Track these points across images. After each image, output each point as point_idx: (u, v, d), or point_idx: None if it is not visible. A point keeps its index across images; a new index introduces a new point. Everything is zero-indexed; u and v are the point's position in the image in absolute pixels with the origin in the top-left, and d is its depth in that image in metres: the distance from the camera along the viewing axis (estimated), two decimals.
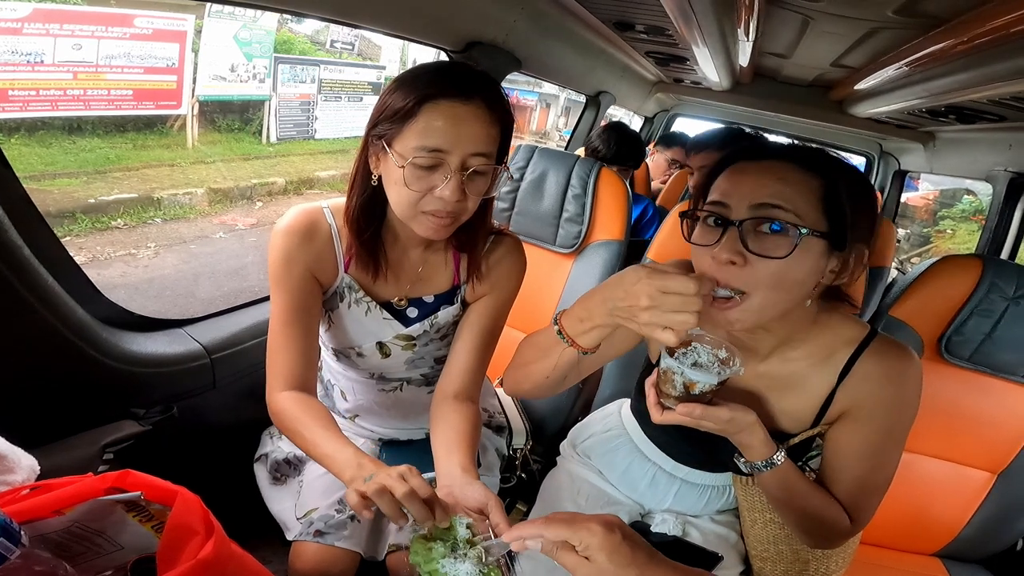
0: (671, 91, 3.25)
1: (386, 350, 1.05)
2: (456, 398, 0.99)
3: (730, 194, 0.80)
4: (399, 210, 0.88)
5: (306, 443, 0.88)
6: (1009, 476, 1.33)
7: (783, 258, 0.75)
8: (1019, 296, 1.18)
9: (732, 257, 0.76)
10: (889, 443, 0.91)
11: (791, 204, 0.75)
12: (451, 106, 0.81)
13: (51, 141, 5.00)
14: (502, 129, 0.87)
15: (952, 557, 1.42)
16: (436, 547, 0.72)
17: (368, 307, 1.01)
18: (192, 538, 0.57)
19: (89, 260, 4.27)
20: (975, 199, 7.46)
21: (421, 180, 0.83)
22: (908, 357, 0.87)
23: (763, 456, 0.87)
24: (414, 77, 0.84)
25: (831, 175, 0.78)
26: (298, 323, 0.94)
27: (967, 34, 1.13)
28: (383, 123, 0.84)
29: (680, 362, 0.76)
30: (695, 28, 1.48)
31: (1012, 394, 1.28)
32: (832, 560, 1.04)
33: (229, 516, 0.68)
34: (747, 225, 0.76)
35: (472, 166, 0.83)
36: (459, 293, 1.06)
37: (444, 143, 0.81)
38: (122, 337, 1.03)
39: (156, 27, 5.30)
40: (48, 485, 0.61)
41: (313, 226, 0.96)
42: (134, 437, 1.00)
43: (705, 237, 0.81)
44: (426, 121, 0.81)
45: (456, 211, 0.86)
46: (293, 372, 0.93)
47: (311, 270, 0.96)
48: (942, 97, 1.58)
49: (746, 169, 0.81)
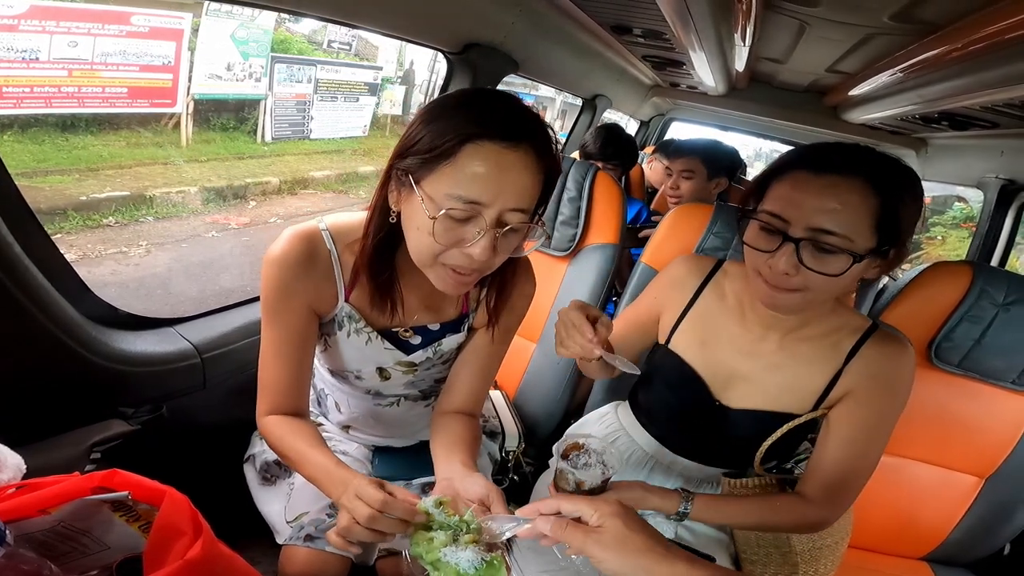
0: (667, 95, 3.27)
1: (386, 374, 1.02)
2: (458, 413, 0.98)
3: (789, 209, 0.84)
4: (417, 258, 0.79)
5: (293, 464, 0.88)
6: (996, 481, 1.34)
7: (835, 276, 0.82)
8: (1009, 303, 1.19)
9: (788, 270, 0.83)
10: (878, 429, 0.96)
11: (846, 230, 0.81)
12: (496, 151, 0.71)
13: (44, 138, 4.95)
14: (546, 179, 0.77)
15: (939, 561, 1.43)
16: (437, 536, 0.72)
17: (369, 337, 0.96)
18: (180, 538, 0.57)
19: (80, 258, 4.23)
20: (966, 206, 7.52)
21: (449, 232, 0.73)
22: (904, 348, 0.95)
23: (674, 509, 0.94)
24: (455, 108, 0.74)
25: (892, 196, 0.81)
26: (291, 356, 0.89)
27: (961, 40, 1.14)
28: (413, 156, 0.74)
29: (572, 464, 0.85)
30: (692, 32, 1.49)
31: (1000, 400, 1.29)
32: (821, 563, 1.04)
33: (218, 516, 0.68)
34: (804, 243, 0.82)
35: (509, 223, 0.74)
36: (467, 321, 1.02)
37: (483, 195, 0.71)
38: (111, 336, 1.02)
39: (153, 25, 5.27)
40: (34, 484, 0.60)
41: (312, 253, 0.87)
42: (122, 436, 0.98)
43: (761, 242, 0.87)
44: (465, 165, 0.70)
45: (481, 269, 0.77)
46: (284, 400, 0.91)
47: (309, 301, 0.89)
48: (935, 103, 1.59)
49: (807, 184, 0.84)
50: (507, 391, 1.62)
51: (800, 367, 0.98)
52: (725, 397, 1.03)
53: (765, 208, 0.88)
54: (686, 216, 1.48)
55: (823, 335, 0.97)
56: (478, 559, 0.69)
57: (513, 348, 1.09)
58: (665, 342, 1.09)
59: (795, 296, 0.87)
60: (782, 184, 0.87)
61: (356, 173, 7.58)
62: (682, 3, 1.22)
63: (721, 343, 1.03)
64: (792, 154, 0.90)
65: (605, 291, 1.56)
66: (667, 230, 1.50)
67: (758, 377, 1.00)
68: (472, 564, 0.69)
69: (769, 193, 0.89)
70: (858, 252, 0.81)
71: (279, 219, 5.91)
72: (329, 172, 7.28)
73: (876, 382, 0.94)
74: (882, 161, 0.84)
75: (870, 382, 0.94)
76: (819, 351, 0.97)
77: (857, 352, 0.95)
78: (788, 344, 0.98)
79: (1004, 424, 1.31)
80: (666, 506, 0.95)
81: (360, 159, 7.95)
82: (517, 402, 1.60)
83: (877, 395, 0.95)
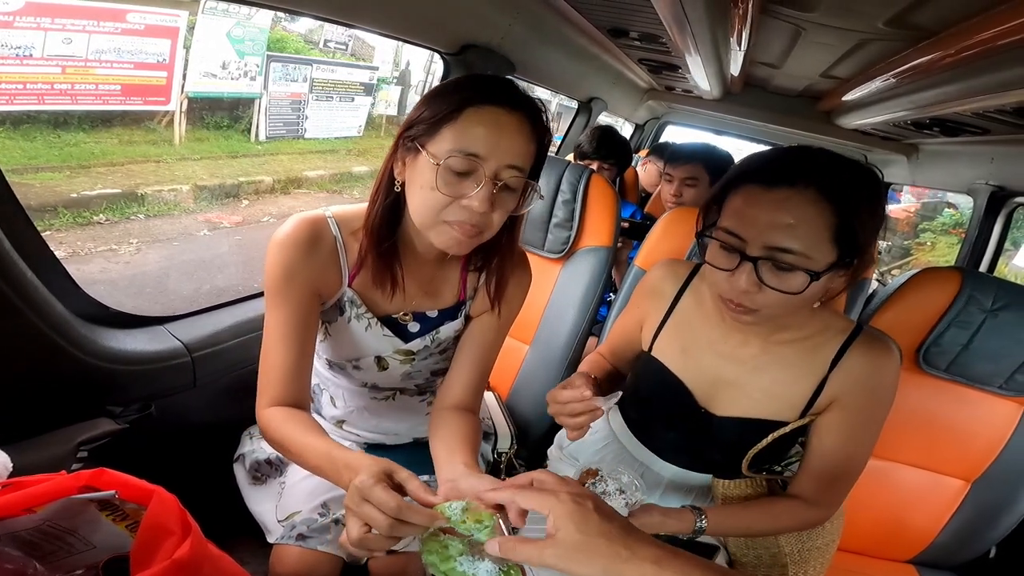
0: (662, 99, 3.28)
1: (384, 364, 1.03)
2: (457, 408, 0.97)
3: (743, 226, 0.83)
4: (421, 216, 0.83)
5: (295, 456, 0.84)
6: (983, 484, 1.36)
7: (796, 293, 0.81)
8: (996, 309, 1.20)
9: (748, 288, 0.82)
10: (867, 431, 0.97)
11: (803, 246, 0.80)
12: (495, 113, 0.79)
13: (35, 135, 4.91)
14: (539, 149, 0.85)
15: (926, 564, 1.44)
16: (453, 544, 0.66)
17: (369, 323, 0.98)
18: (168, 538, 0.56)
19: (69, 255, 4.19)
20: (956, 212, 7.60)
21: (451, 185, 0.79)
22: (890, 351, 0.94)
23: (690, 528, 0.95)
24: (457, 84, 0.83)
25: (847, 205, 0.79)
26: (295, 339, 0.89)
27: (954, 47, 1.15)
28: (419, 125, 0.81)
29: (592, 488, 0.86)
30: (689, 36, 1.50)
31: (987, 404, 1.31)
32: (810, 565, 1.05)
33: (207, 516, 0.68)
34: (762, 262, 0.81)
35: (505, 178, 0.80)
36: (464, 309, 1.04)
37: (482, 149, 0.78)
38: (101, 333, 1.02)
39: (148, 22, 5.24)
40: (20, 483, 0.60)
41: (316, 237, 0.90)
42: (110, 435, 0.98)
43: (721, 261, 0.86)
44: (467, 124, 0.78)
45: (481, 224, 0.82)
46: (286, 390, 0.89)
47: (313, 284, 0.91)
48: (927, 109, 1.61)
49: (760, 199, 0.82)
50: (500, 392, 1.62)
51: (783, 371, 0.97)
52: (710, 404, 1.02)
53: (722, 225, 0.86)
54: (680, 219, 1.49)
55: (805, 338, 0.96)
56: (496, 569, 0.64)
57: (506, 349, 1.09)
58: (648, 349, 1.09)
59: (756, 315, 0.87)
60: (736, 198, 0.85)
61: (350, 173, 7.56)
62: (679, 7, 1.22)
63: (702, 349, 1.02)
64: (744, 164, 0.89)
65: (598, 293, 1.57)
66: (661, 233, 1.50)
67: (742, 382, 0.99)
68: (490, 575, 0.64)
69: (726, 206, 0.87)
70: (816, 270, 0.80)
71: (272, 218, 5.88)
72: (323, 172, 7.25)
73: (862, 388, 0.94)
74: (835, 168, 0.82)
75: (856, 388, 0.94)
76: (801, 354, 0.96)
77: (842, 357, 0.94)
78: (770, 348, 0.97)
79: (991, 428, 1.32)
80: (683, 527, 0.95)
81: (354, 159, 7.93)
82: (509, 403, 1.60)
83: (864, 400, 0.94)
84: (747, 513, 0.98)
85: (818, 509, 0.99)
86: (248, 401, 0.92)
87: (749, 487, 1.02)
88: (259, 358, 0.91)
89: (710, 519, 0.95)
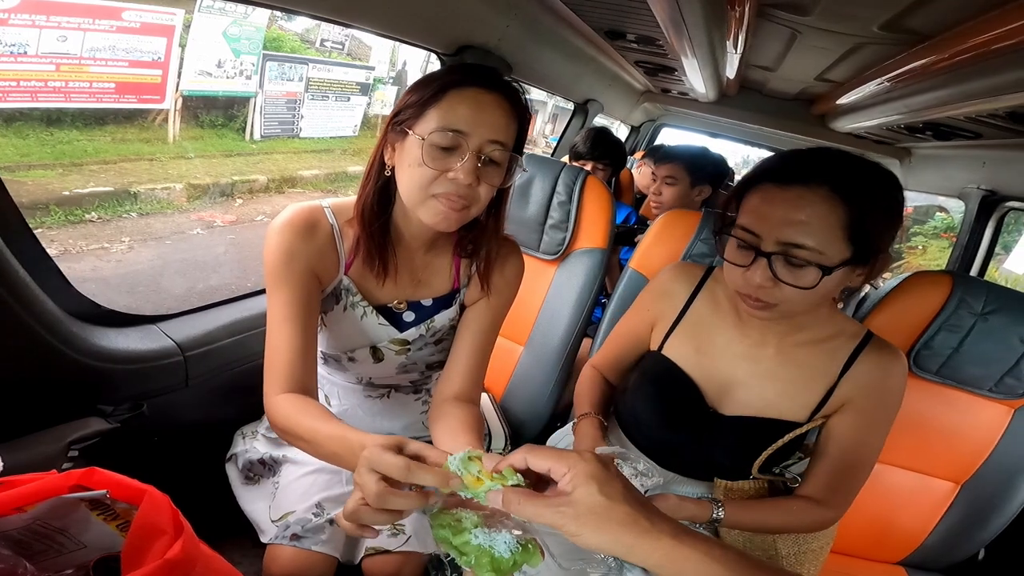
0: (658, 101, 3.30)
1: (379, 355, 1.03)
2: (457, 399, 0.96)
3: (758, 223, 0.85)
4: (410, 193, 0.86)
5: (307, 445, 0.81)
6: (972, 487, 1.37)
7: (808, 288, 0.82)
8: (987, 312, 1.21)
9: (763, 283, 0.84)
10: (876, 434, 0.98)
11: (815, 241, 0.81)
12: (475, 93, 0.83)
13: (28, 132, 4.87)
14: (519, 127, 0.89)
15: (916, 566, 1.45)
16: (467, 516, 0.60)
17: (364, 311, 0.99)
18: (159, 537, 0.56)
19: (61, 253, 4.16)
20: (947, 216, 7.66)
21: (437, 160, 0.83)
22: (899, 359, 0.97)
23: (707, 517, 0.96)
24: (440, 72, 0.88)
25: (858, 203, 0.80)
26: (299, 320, 0.89)
27: (948, 51, 1.16)
28: (406, 111, 0.85)
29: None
30: (685, 39, 1.50)
31: (977, 407, 1.32)
32: (805, 567, 1.05)
33: (199, 516, 0.67)
34: (775, 257, 0.83)
35: (488, 152, 0.84)
36: (458, 297, 1.04)
37: (465, 125, 0.82)
38: (92, 332, 1.01)
39: (144, 20, 5.21)
40: (10, 482, 0.59)
41: (313, 223, 0.93)
42: (101, 434, 0.97)
43: (737, 257, 0.88)
44: (449, 105, 0.82)
45: (467, 197, 0.85)
46: (294, 372, 0.87)
47: (312, 266, 0.92)
48: (921, 113, 1.62)
49: (774, 198, 0.84)
50: (494, 393, 1.62)
51: (798, 373, 0.98)
52: (719, 404, 1.02)
53: (739, 222, 0.88)
54: (674, 222, 1.49)
55: (821, 340, 0.98)
56: (514, 542, 0.58)
57: (501, 349, 1.09)
58: (658, 349, 1.09)
59: (774, 310, 0.88)
60: (753, 196, 0.88)
61: (345, 173, 7.54)
62: (676, 9, 1.23)
63: (717, 350, 1.03)
64: (762, 165, 0.91)
65: (593, 295, 1.57)
66: (655, 236, 1.51)
67: (755, 383, 1.00)
68: (509, 547, 0.57)
69: (743, 205, 0.90)
70: (828, 265, 0.81)
71: (266, 217, 5.85)
72: (318, 171, 7.23)
73: (873, 393, 0.95)
74: (849, 167, 0.83)
75: (868, 392, 0.95)
76: (816, 357, 0.97)
77: (855, 361, 0.96)
78: (786, 349, 0.99)
79: (980, 431, 1.34)
80: (701, 515, 0.96)
81: (349, 159, 7.90)
82: (504, 404, 1.60)
83: (873, 405, 0.96)
84: (763, 508, 1.00)
85: (829, 510, 1.00)
86: (241, 400, 0.92)
87: (752, 488, 1.02)
88: (252, 357, 0.90)
89: (727, 510, 0.97)
